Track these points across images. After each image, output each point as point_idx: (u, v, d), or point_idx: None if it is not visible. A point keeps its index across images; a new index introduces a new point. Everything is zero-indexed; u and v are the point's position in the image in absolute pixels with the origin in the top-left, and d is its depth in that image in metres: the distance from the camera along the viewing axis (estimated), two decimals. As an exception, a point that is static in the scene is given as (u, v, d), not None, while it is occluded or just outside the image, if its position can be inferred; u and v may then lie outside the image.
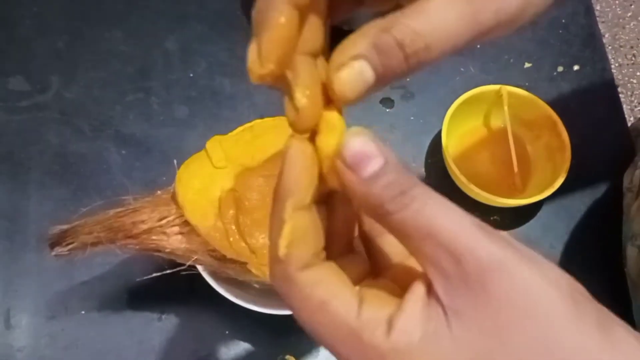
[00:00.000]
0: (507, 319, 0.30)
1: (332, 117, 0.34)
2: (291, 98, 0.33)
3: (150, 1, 0.91)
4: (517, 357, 0.30)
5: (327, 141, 0.33)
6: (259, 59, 0.33)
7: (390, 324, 0.32)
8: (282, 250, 0.33)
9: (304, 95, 0.33)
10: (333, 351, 0.33)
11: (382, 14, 0.37)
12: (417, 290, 0.33)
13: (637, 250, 0.68)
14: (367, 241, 0.39)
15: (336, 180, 0.33)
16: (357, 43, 0.33)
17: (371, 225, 0.39)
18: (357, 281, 0.35)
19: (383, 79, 0.34)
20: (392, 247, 0.38)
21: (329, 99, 0.34)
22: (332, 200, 0.37)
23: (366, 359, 0.32)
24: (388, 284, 0.36)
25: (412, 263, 0.37)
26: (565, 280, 0.31)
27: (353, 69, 0.33)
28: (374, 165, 0.32)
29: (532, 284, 0.31)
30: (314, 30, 0.35)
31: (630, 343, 0.32)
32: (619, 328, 0.32)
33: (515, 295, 0.30)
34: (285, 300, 0.34)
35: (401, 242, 0.33)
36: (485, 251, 0.30)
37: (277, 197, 0.34)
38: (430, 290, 0.32)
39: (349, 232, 0.39)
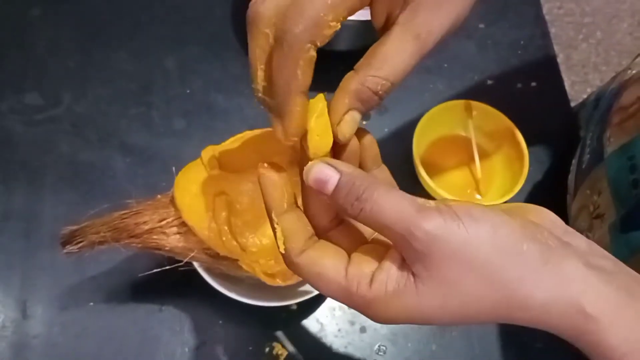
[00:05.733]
0: (450, 271, 0.37)
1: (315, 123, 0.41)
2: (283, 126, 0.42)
3: (151, 25, 0.92)
4: (462, 296, 0.37)
5: (320, 146, 0.42)
6: (285, 136, 0.42)
7: (372, 278, 0.38)
8: (281, 247, 0.41)
9: (296, 133, 0.41)
10: (338, 301, 0.40)
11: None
12: (394, 254, 0.39)
13: None
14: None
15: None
16: (345, 99, 0.42)
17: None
18: (352, 247, 0.42)
19: (366, 114, 0.43)
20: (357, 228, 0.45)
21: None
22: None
23: (357, 305, 0.39)
24: (376, 247, 0.42)
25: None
26: (505, 230, 0.37)
27: (347, 121, 0.42)
28: (331, 184, 0.39)
29: (467, 244, 0.36)
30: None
31: (577, 269, 0.38)
32: (570, 261, 0.38)
33: (453, 255, 0.36)
34: (298, 275, 0.41)
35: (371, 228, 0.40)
36: (422, 231, 0.36)
37: (267, 211, 0.42)
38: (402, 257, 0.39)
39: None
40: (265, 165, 0.42)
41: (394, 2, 0.43)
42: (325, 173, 0.39)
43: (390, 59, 0.41)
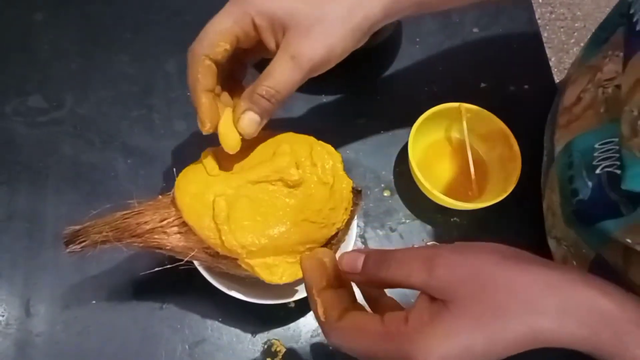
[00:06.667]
0: (473, 286, 0.42)
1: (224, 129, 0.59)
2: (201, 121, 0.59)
3: (152, 29, 0.92)
4: (492, 307, 0.42)
5: (226, 141, 0.60)
6: (200, 124, 0.59)
7: (406, 318, 0.43)
8: (322, 317, 0.47)
9: (207, 122, 0.59)
10: (375, 357, 0.44)
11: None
12: (422, 296, 0.45)
13: (555, 241, 0.71)
14: (371, 301, 0.53)
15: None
16: (242, 103, 0.58)
17: (371, 292, 0.54)
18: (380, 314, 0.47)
19: (264, 115, 0.59)
20: (388, 302, 0.53)
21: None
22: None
23: (400, 345, 0.42)
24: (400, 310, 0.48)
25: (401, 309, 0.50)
26: (501, 251, 0.46)
27: (244, 119, 0.58)
28: (360, 261, 0.49)
29: (474, 265, 0.44)
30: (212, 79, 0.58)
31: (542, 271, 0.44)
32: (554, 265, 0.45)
33: (470, 273, 0.43)
34: (337, 343, 0.46)
35: (399, 287, 0.46)
36: (441, 257, 0.44)
37: (307, 289, 0.50)
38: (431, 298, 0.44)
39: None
40: (309, 254, 0.53)
41: (276, 32, 0.57)
42: (354, 255, 0.49)
43: (272, 73, 0.56)
